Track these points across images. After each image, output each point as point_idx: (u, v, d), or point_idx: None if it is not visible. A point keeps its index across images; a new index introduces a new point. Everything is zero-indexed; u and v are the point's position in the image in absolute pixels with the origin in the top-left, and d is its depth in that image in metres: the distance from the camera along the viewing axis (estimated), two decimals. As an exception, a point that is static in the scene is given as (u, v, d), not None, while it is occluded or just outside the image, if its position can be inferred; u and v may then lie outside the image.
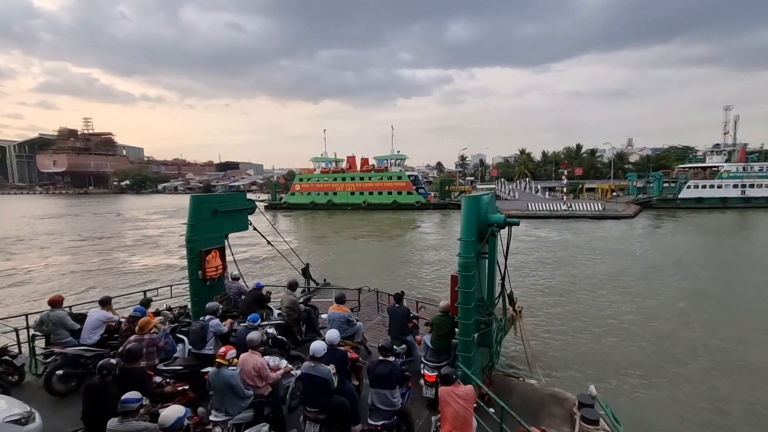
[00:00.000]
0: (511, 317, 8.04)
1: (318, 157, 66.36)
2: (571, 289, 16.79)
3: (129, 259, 25.57)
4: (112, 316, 7.14)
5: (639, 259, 22.02)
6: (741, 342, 11.20)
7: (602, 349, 11.20)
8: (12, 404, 5.14)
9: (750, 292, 16.05)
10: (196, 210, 8.54)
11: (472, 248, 5.91)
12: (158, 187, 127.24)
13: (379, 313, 10.56)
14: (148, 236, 35.73)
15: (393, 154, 63.12)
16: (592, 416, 5.24)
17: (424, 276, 19.72)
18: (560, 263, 21.36)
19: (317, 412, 4.85)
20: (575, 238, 29.30)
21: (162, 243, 32.03)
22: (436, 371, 5.94)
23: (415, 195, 57.07)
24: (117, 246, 30.67)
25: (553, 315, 13.73)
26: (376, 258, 25.34)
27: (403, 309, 7.26)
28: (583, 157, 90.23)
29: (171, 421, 3.64)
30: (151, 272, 21.65)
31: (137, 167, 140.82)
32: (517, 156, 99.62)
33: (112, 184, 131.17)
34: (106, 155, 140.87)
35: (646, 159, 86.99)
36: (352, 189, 60.57)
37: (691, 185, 48.09)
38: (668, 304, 14.65)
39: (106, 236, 36.18)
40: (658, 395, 8.83)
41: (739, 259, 22.26)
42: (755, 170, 47.66)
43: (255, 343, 5.29)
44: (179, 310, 9.06)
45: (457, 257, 6.03)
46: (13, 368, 6.82)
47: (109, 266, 23.33)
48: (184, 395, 5.40)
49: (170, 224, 43.69)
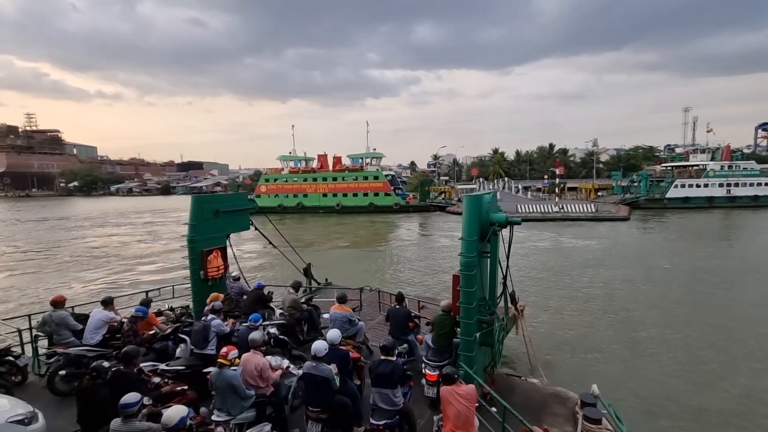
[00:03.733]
0: (513, 316, 8.04)
1: (286, 156, 59.96)
2: (583, 294, 16.72)
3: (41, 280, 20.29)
4: (115, 316, 7.16)
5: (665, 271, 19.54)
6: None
7: (605, 348, 11.19)
8: (15, 404, 5.16)
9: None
10: (197, 210, 8.55)
11: (474, 247, 5.91)
12: (111, 189, 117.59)
13: (380, 312, 10.55)
14: (83, 251, 28.79)
15: (369, 152, 57.38)
16: (594, 415, 5.24)
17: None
18: (590, 273, 19.08)
19: (319, 411, 4.85)
20: (587, 244, 26.69)
21: (97, 256, 26.65)
22: (438, 370, 5.92)
23: (394, 196, 52.90)
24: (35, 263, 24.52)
25: (555, 314, 13.72)
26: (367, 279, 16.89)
27: (404, 310, 7.25)
28: (556, 156, 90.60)
29: (174, 421, 3.65)
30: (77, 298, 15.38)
31: (88, 167, 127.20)
32: (491, 156, 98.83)
33: (58, 185, 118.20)
34: (52, 154, 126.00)
35: (617, 158, 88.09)
36: (324, 190, 55.06)
37: (678, 184, 47.39)
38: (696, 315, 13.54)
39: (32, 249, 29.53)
40: (661, 394, 8.82)
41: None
42: (740, 169, 47.49)
43: (257, 342, 5.30)
44: (181, 310, 9.08)
45: (459, 256, 6.03)
46: (16, 368, 6.84)
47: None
48: (184, 395, 5.41)
49: (109, 233, 37.84)
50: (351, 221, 44.44)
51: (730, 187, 46.52)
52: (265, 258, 23.66)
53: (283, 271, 18.34)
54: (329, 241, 31.94)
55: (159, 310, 8.70)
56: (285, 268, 15.33)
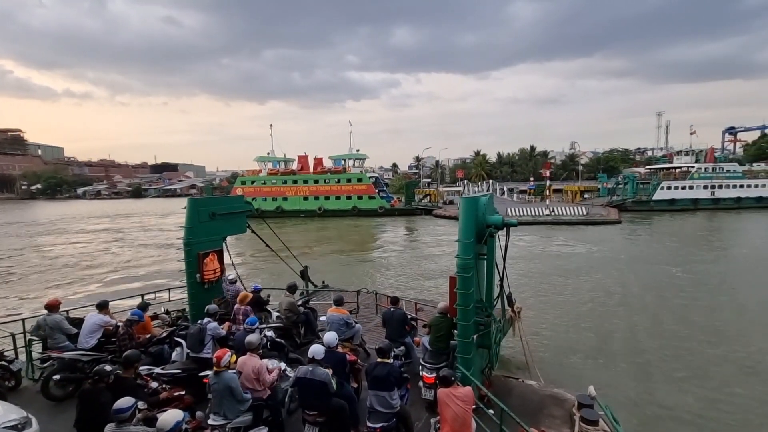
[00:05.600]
0: (509, 318, 8.05)
1: (263, 157, 55.97)
2: (579, 296, 16.74)
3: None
4: (110, 320, 7.11)
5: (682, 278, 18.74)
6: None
7: (602, 349, 11.21)
8: (9, 410, 5.10)
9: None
10: (194, 212, 8.52)
11: (471, 249, 5.91)
12: (77, 192, 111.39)
13: (377, 314, 10.54)
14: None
15: (352, 154, 54.44)
16: (591, 417, 5.25)
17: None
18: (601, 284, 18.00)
19: (316, 415, 4.83)
20: (583, 248, 26.11)
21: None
22: (435, 373, 5.93)
23: (378, 199, 50.71)
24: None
25: (552, 316, 13.74)
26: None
27: (400, 312, 7.24)
28: (537, 158, 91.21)
29: (169, 426, 3.63)
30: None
31: (52, 169, 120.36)
32: (473, 158, 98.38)
33: (20, 188, 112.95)
34: (13, 155, 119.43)
35: (596, 161, 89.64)
36: (305, 193, 52.07)
37: (665, 186, 47.56)
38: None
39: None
40: (657, 396, 8.84)
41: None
42: (724, 171, 48.09)
43: (254, 345, 5.28)
44: (177, 313, 9.03)
45: (455, 258, 6.04)
46: (10, 373, 6.78)
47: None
48: (181, 400, 5.37)
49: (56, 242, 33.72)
50: (334, 225, 42.37)
51: (714, 189, 47.09)
52: (260, 261, 23.54)
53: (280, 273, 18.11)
54: (311, 249, 29.11)
55: (155, 314, 8.65)
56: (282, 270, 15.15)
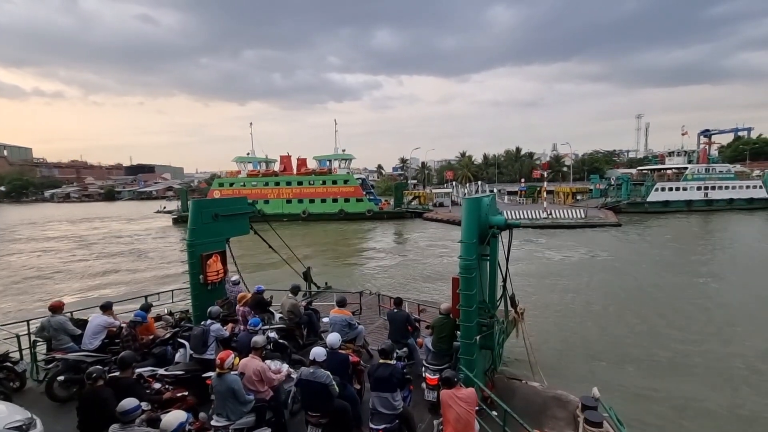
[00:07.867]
0: (512, 319, 8.02)
1: (243, 157, 53.20)
2: (584, 299, 16.65)
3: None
4: (114, 321, 7.14)
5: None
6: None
7: (606, 351, 11.15)
8: (13, 411, 5.13)
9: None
10: (197, 214, 8.56)
11: (473, 250, 5.90)
12: (45, 195, 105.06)
13: (380, 316, 10.53)
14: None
15: (338, 154, 52.03)
16: (595, 418, 5.21)
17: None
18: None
19: (319, 416, 4.83)
20: (586, 252, 25.41)
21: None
22: (438, 374, 5.91)
23: (366, 202, 48.47)
24: None
25: (556, 318, 13.68)
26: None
27: (403, 314, 7.23)
28: (523, 160, 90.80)
29: (173, 427, 3.64)
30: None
31: (18, 170, 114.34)
32: (458, 159, 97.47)
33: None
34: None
35: (581, 162, 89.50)
36: (288, 196, 49.54)
37: (659, 188, 47.21)
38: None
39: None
40: (661, 397, 8.78)
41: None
42: (717, 172, 47.90)
43: (259, 344, 5.30)
44: (180, 314, 9.06)
45: (458, 259, 6.03)
46: (15, 374, 6.81)
47: None
48: (184, 401, 5.38)
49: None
50: (319, 230, 40.36)
51: (707, 190, 46.95)
52: (262, 262, 23.53)
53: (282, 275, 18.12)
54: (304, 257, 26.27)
55: (158, 315, 8.67)
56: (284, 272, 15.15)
